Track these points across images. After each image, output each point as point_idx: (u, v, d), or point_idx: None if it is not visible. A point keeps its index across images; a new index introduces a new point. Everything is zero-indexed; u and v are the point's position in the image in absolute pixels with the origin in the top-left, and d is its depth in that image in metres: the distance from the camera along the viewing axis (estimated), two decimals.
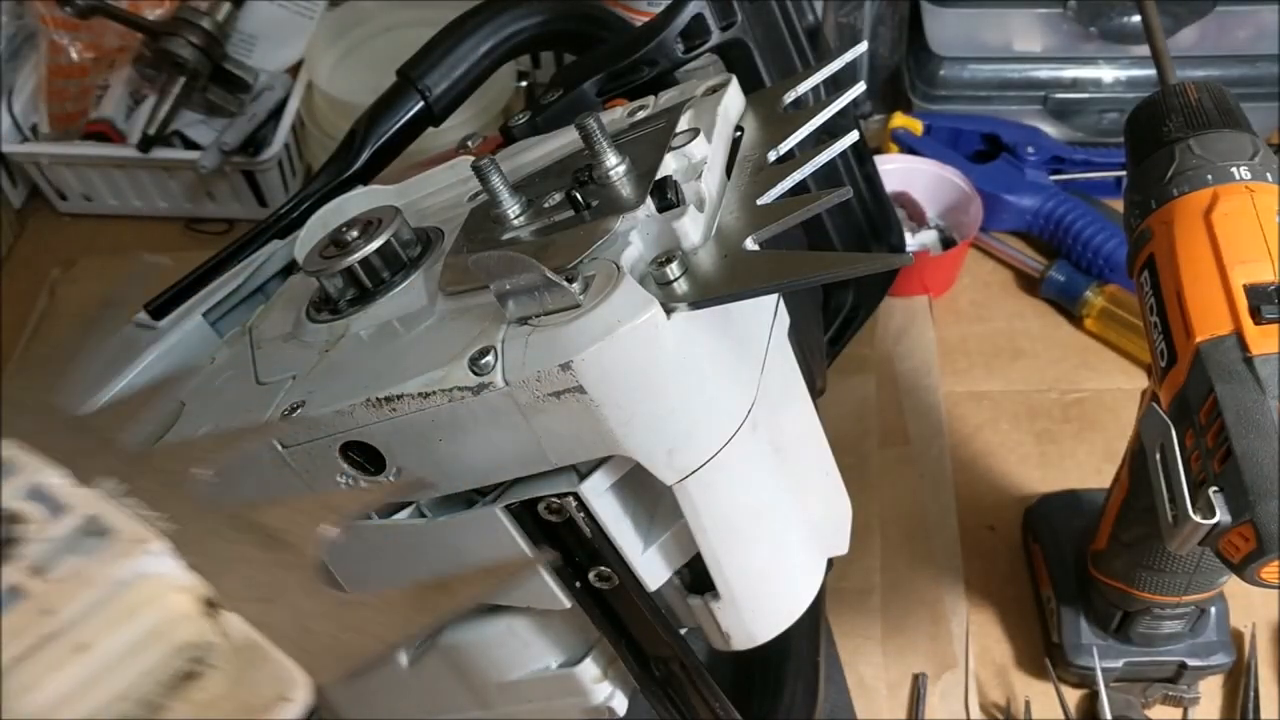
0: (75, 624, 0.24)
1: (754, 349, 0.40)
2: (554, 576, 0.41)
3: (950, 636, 0.67)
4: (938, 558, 0.70)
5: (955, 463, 0.75)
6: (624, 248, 0.35)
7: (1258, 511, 0.38)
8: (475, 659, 0.46)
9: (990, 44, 0.87)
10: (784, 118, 0.41)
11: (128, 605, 0.24)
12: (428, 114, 0.56)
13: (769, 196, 0.36)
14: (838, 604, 0.69)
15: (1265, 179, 0.44)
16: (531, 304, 0.34)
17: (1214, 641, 0.62)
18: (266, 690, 0.24)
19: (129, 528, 0.26)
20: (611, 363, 0.33)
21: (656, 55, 0.52)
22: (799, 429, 0.44)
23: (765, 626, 0.43)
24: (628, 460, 0.36)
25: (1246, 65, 0.86)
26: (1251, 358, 0.40)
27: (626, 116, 0.44)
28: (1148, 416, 0.44)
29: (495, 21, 0.56)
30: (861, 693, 0.65)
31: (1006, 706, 0.65)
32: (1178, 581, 0.56)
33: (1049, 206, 0.83)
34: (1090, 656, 0.62)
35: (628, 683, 0.47)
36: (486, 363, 0.34)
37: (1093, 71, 0.88)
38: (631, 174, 0.38)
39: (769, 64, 0.56)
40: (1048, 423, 0.77)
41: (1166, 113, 0.47)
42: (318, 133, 0.88)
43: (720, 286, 0.34)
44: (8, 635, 0.24)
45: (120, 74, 0.90)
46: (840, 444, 0.47)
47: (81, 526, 0.26)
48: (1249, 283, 0.42)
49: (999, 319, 0.83)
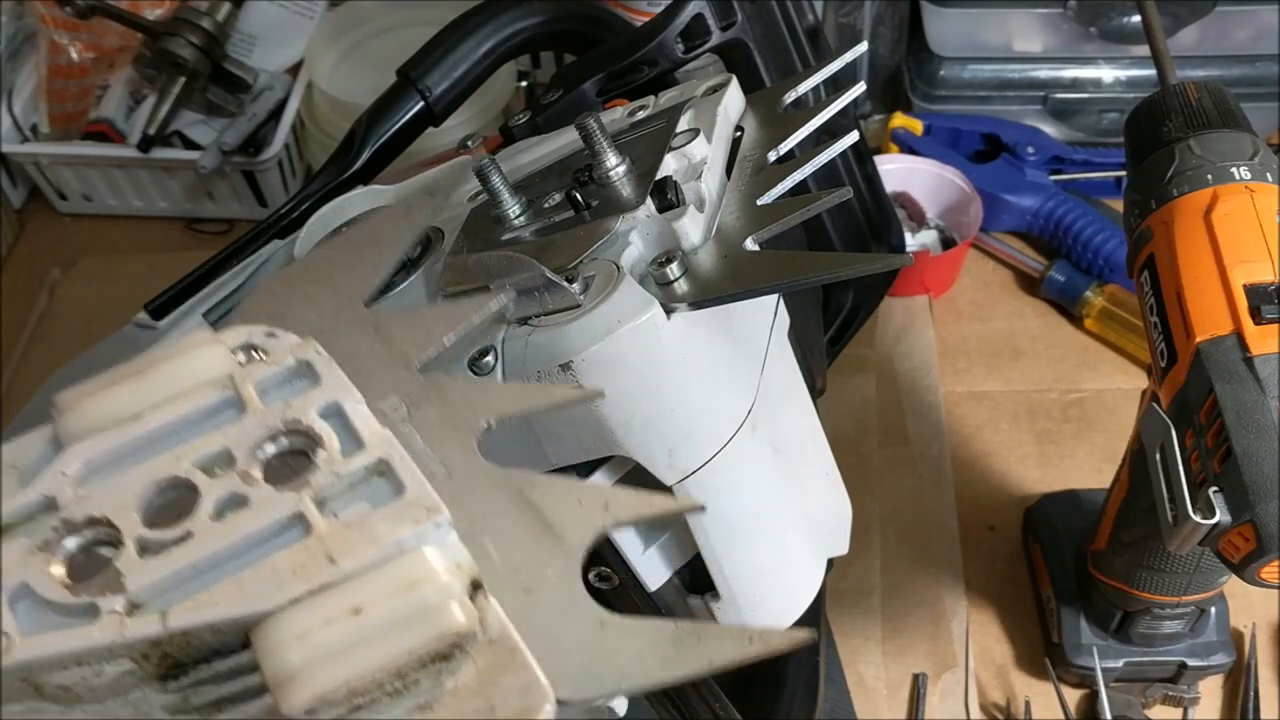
0: (352, 581, 0.22)
1: (754, 349, 0.40)
2: None
3: (950, 636, 0.67)
4: (938, 558, 0.70)
5: (955, 463, 0.75)
6: (624, 248, 0.35)
7: (1258, 511, 0.38)
8: None
9: (990, 44, 0.87)
10: (784, 118, 0.41)
11: (406, 576, 0.22)
12: (428, 114, 0.56)
13: (769, 196, 0.36)
14: (838, 604, 0.68)
15: (1265, 179, 0.44)
16: (532, 304, 0.34)
17: (1214, 641, 0.62)
18: (513, 698, 0.22)
19: (418, 489, 0.23)
20: (611, 363, 0.33)
21: (656, 55, 0.52)
22: (799, 429, 0.44)
23: (765, 627, 0.43)
24: (628, 460, 0.36)
25: (1246, 65, 0.86)
26: (1251, 358, 0.40)
27: (626, 116, 0.44)
28: (1148, 416, 0.44)
29: (495, 21, 0.56)
30: (861, 693, 0.65)
31: (1006, 706, 0.65)
32: (1178, 581, 0.56)
33: (1049, 206, 0.83)
34: (1090, 656, 0.62)
35: None
36: (486, 363, 0.34)
37: (1093, 71, 0.88)
38: (631, 174, 0.38)
39: (769, 64, 0.56)
40: (1048, 423, 0.77)
41: (1166, 113, 0.47)
42: (318, 133, 0.88)
43: (720, 287, 0.34)
44: (290, 572, 0.22)
45: (120, 74, 0.90)
46: (840, 444, 0.47)
47: (371, 468, 0.24)
48: (1249, 283, 0.42)
49: (999, 319, 0.83)
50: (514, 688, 0.22)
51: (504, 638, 0.23)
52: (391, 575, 0.22)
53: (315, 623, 0.22)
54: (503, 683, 0.22)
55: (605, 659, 0.24)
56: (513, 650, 0.23)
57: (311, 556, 0.22)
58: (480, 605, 0.23)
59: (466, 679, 0.22)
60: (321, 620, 0.22)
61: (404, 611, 0.22)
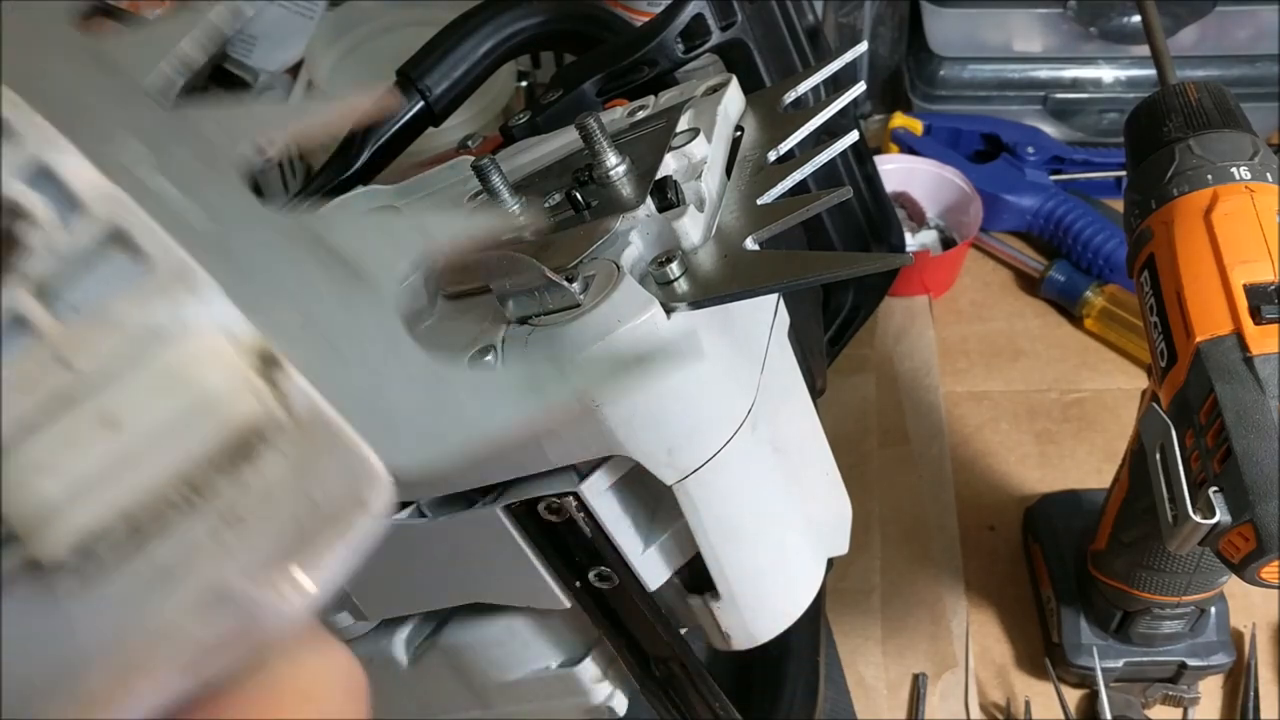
0: (99, 388, 0.18)
1: (754, 349, 0.40)
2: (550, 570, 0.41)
3: (950, 636, 0.67)
4: (938, 558, 0.70)
5: (955, 463, 0.75)
6: (624, 247, 0.35)
7: (1258, 511, 0.38)
8: (475, 659, 0.46)
9: (990, 44, 0.87)
10: (784, 118, 0.41)
11: (170, 367, 0.18)
12: (428, 114, 0.56)
13: (769, 196, 0.36)
14: (838, 604, 0.69)
15: (1265, 179, 0.44)
16: (532, 304, 0.34)
17: (1214, 641, 0.62)
18: (337, 486, 0.19)
19: (168, 255, 0.19)
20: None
21: (656, 55, 0.52)
22: (799, 429, 0.44)
23: (765, 626, 0.43)
24: (628, 460, 0.36)
25: (1246, 65, 0.86)
26: (1251, 358, 0.40)
27: (626, 116, 0.44)
28: (1148, 416, 0.44)
29: (495, 22, 0.56)
30: (861, 693, 0.65)
31: (1006, 706, 0.65)
32: (1178, 581, 0.56)
33: (1049, 206, 0.83)
34: (1090, 656, 0.62)
35: (628, 683, 0.47)
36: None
37: (1093, 71, 0.88)
38: (631, 174, 0.38)
39: (769, 64, 0.56)
40: (1048, 423, 0.77)
41: (1166, 113, 0.47)
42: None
43: (720, 286, 0.34)
44: (10, 386, 0.17)
45: None
46: (840, 444, 0.47)
47: (102, 238, 0.18)
48: (1249, 283, 0.42)
49: (999, 319, 0.83)
50: (336, 473, 0.19)
51: (314, 416, 0.19)
52: (150, 370, 0.18)
53: (58, 447, 0.17)
54: (321, 469, 0.19)
55: (447, 413, 0.21)
56: (327, 428, 0.19)
57: (38, 364, 0.18)
58: (277, 382, 0.19)
59: (277, 474, 0.18)
60: (67, 441, 0.17)
61: (174, 411, 0.18)
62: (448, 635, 0.46)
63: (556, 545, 0.39)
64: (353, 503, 0.19)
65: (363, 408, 0.19)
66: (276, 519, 0.18)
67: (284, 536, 0.18)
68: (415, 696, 0.49)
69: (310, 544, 0.18)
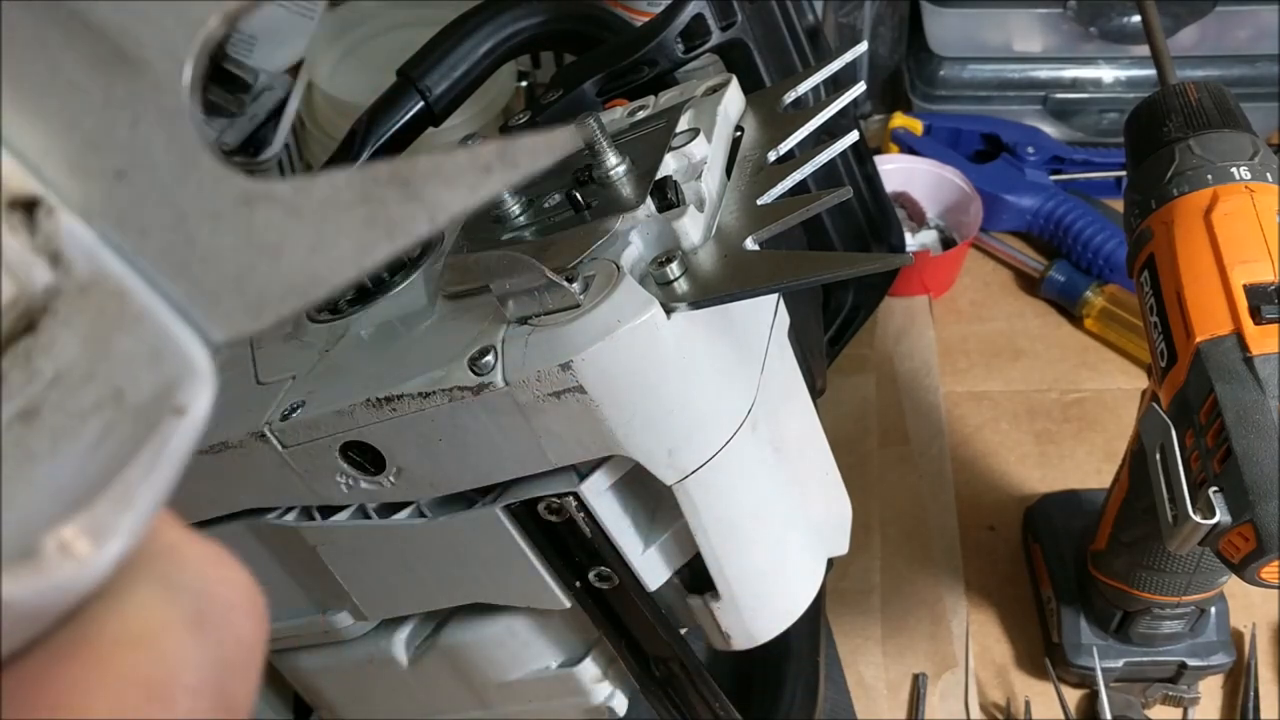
0: None
1: (754, 349, 0.40)
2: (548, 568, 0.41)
3: (950, 636, 0.67)
4: (938, 558, 0.70)
5: (955, 463, 0.75)
6: (624, 248, 0.35)
7: (1258, 511, 0.38)
8: (475, 659, 0.46)
9: (990, 44, 0.87)
10: (784, 118, 0.41)
11: None
12: (428, 114, 0.56)
13: (769, 196, 0.36)
14: (838, 604, 0.68)
15: (1265, 179, 0.44)
16: (532, 304, 0.34)
17: (1214, 641, 0.62)
18: (142, 372, 0.14)
19: None
20: (611, 362, 0.33)
21: (656, 55, 0.52)
22: (799, 429, 0.44)
23: (765, 626, 0.43)
24: (628, 460, 0.36)
25: (1246, 65, 0.86)
26: (1251, 358, 0.40)
27: (626, 116, 0.44)
28: (1148, 416, 0.44)
29: (495, 21, 0.56)
30: (861, 693, 0.65)
31: (1006, 706, 0.65)
32: (1178, 581, 0.56)
33: (1049, 206, 0.83)
34: (1090, 656, 0.62)
35: (628, 683, 0.47)
36: (486, 362, 0.34)
37: (1093, 71, 0.88)
38: (631, 174, 0.38)
39: (769, 64, 0.56)
40: (1048, 423, 0.77)
41: (1166, 113, 0.47)
42: (318, 133, 0.88)
43: (720, 286, 0.34)
44: None
45: None
46: (840, 444, 0.47)
47: None
48: (1249, 283, 0.42)
49: (999, 319, 0.83)
50: (137, 355, 0.15)
51: (99, 276, 0.15)
52: None
53: None
54: (118, 350, 0.15)
55: (268, 258, 0.15)
56: (118, 294, 0.15)
57: None
58: (46, 233, 0.15)
59: (69, 356, 0.14)
60: None
61: None
62: (448, 635, 0.46)
63: (556, 545, 0.39)
64: (162, 401, 0.14)
65: (162, 261, 0.15)
66: (76, 414, 0.14)
67: (90, 448, 0.14)
68: (415, 696, 0.49)
69: (120, 462, 0.14)
